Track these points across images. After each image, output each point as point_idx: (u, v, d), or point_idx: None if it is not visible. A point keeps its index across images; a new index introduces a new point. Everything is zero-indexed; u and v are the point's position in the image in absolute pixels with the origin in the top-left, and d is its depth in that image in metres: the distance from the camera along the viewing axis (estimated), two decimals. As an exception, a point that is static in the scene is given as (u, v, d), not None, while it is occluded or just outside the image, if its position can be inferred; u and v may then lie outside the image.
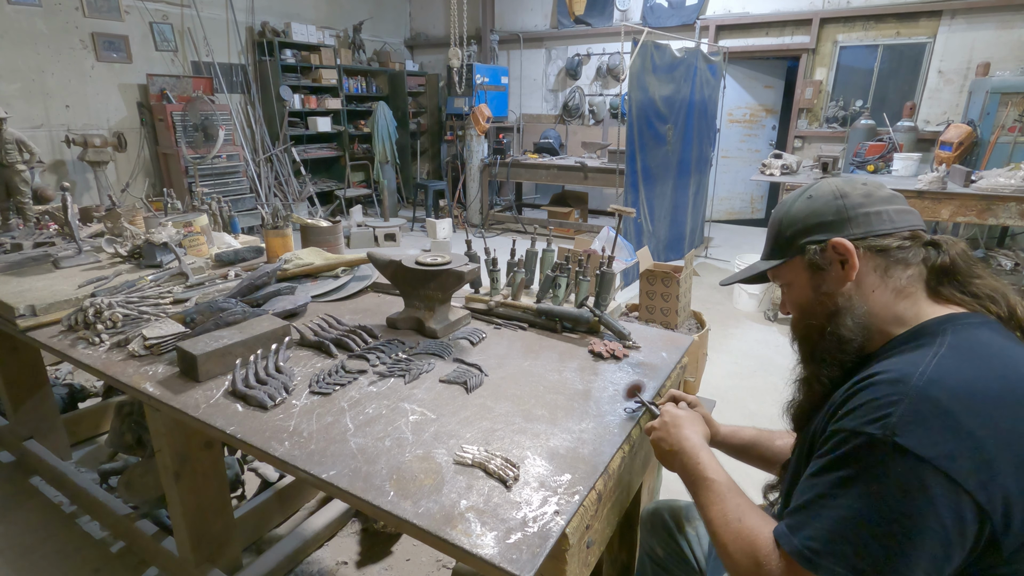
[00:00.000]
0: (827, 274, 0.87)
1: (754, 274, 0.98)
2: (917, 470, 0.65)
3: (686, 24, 6.86)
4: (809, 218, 0.89)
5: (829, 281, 0.87)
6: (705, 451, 0.96)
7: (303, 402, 1.23)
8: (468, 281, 1.57)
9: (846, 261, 0.84)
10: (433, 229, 5.76)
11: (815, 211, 0.88)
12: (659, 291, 2.94)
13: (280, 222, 2.24)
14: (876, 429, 0.68)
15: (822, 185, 0.91)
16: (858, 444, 0.70)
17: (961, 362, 0.72)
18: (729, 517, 0.84)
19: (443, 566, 1.92)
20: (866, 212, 0.85)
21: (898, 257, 0.83)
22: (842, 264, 0.85)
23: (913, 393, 0.68)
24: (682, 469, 0.97)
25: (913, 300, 0.83)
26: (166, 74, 6.05)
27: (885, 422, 0.68)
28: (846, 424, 0.72)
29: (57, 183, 5.21)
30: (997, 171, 3.81)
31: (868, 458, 0.69)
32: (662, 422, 1.04)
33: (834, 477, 0.72)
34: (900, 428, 0.67)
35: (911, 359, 0.74)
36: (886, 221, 0.85)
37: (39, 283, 1.91)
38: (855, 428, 0.71)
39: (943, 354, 0.73)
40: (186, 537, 1.54)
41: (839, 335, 0.85)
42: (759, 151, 7.32)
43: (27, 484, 2.31)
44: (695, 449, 0.96)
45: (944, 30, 5.70)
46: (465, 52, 6.15)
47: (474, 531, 0.86)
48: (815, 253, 0.87)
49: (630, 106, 4.62)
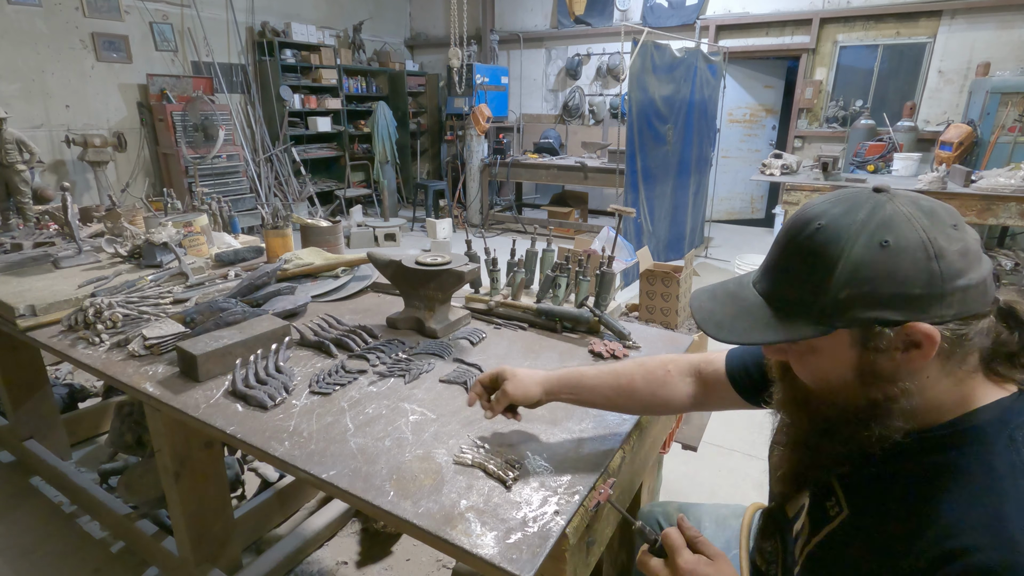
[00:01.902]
0: (882, 358, 0.62)
1: (767, 340, 0.67)
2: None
3: (686, 24, 6.87)
4: (885, 283, 0.59)
5: (882, 367, 0.63)
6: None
7: (303, 402, 1.23)
8: (468, 281, 1.57)
9: (917, 348, 0.60)
10: (433, 229, 5.76)
11: (896, 274, 0.58)
12: (659, 291, 2.94)
13: (280, 222, 2.24)
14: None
15: (903, 226, 0.59)
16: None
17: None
18: None
19: (443, 566, 1.92)
20: (965, 285, 0.58)
21: (974, 344, 0.62)
22: (906, 347, 0.61)
23: None
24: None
25: (968, 385, 0.64)
26: (166, 74, 6.05)
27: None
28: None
29: (57, 183, 5.21)
30: (997, 171, 3.82)
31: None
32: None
33: None
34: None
35: (1002, 509, 0.57)
36: (980, 296, 0.60)
37: (39, 283, 1.91)
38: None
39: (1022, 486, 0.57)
40: (186, 537, 1.54)
41: (877, 435, 0.64)
42: (759, 151, 7.32)
43: (27, 484, 2.31)
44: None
45: (944, 30, 5.70)
46: (465, 52, 6.15)
47: (474, 531, 0.86)
48: (880, 335, 0.61)
49: (630, 106, 4.62)
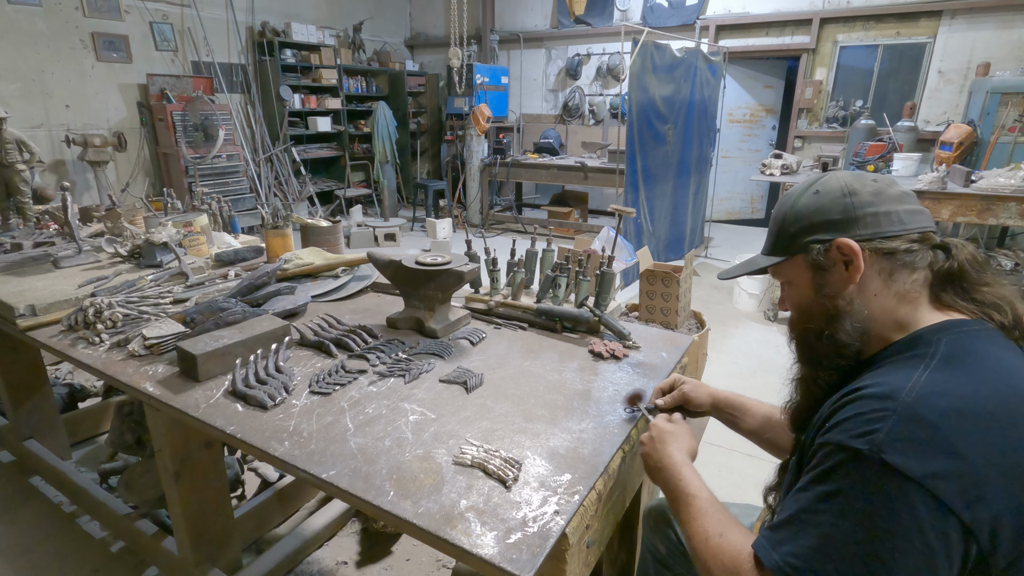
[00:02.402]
0: (830, 275, 0.83)
1: (754, 269, 0.96)
2: (903, 489, 0.64)
3: (686, 24, 6.87)
4: (815, 215, 0.84)
5: (831, 283, 0.83)
6: (687, 468, 0.94)
7: (303, 402, 1.23)
8: (468, 281, 1.57)
9: (851, 263, 0.81)
10: (433, 229, 5.75)
11: (821, 208, 0.84)
12: (659, 291, 2.94)
13: (280, 222, 2.24)
14: (862, 444, 0.67)
15: (830, 180, 0.86)
16: (843, 459, 0.68)
17: (952, 376, 0.70)
18: (710, 532, 0.83)
19: (443, 566, 1.92)
20: (875, 212, 0.81)
21: (905, 261, 0.80)
22: (846, 266, 0.82)
23: (901, 409, 0.67)
24: (664, 484, 0.96)
25: (915, 305, 0.80)
26: (166, 74, 6.05)
27: (872, 438, 0.66)
28: (832, 438, 0.71)
29: (57, 183, 5.21)
30: (997, 171, 3.81)
31: (853, 474, 0.67)
32: (648, 437, 1.03)
33: (818, 492, 0.70)
34: (887, 445, 0.65)
35: (903, 372, 0.72)
36: (896, 222, 0.81)
37: (39, 283, 1.91)
38: (841, 442, 0.69)
39: (935, 367, 0.71)
40: (186, 537, 1.54)
41: (837, 339, 0.83)
42: (759, 151, 7.32)
43: (27, 484, 2.31)
44: (677, 466, 0.95)
45: (944, 30, 5.70)
46: (465, 52, 6.14)
47: (474, 531, 0.86)
48: (819, 253, 0.83)
49: (630, 106, 4.62)
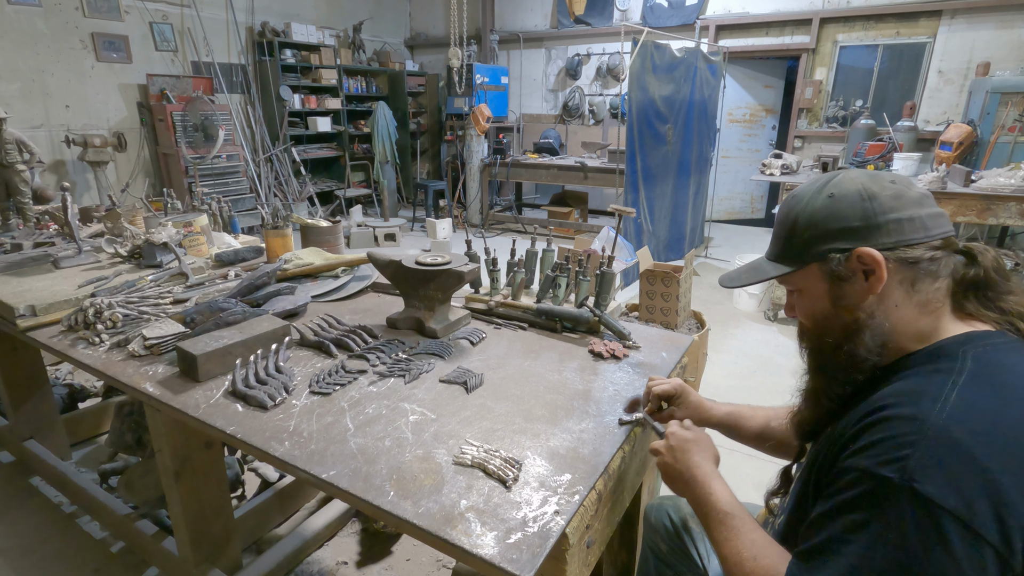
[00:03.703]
0: (848, 286, 0.79)
1: (762, 278, 0.89)
2: (937, 520, 0.62)
3: (686, 24, 6.86)
4: (831, 221, 0.79)
5: (850, 294, 0.79)
6: (717, 480, 0.91)
7: (303, 402, 1.23)
8: (468, 281, 1.57)
9: (872, 273, 0.76)
10: (433, 229, 5.75)
11: (838, 213, 0.78)
12: (659, 291, 2.94)
13: (280, 222, 2.24)
14: (892, 472, 0.65)
15: (845, 182, 0.80)
16: (872, 487, 0.66)
17: (981, 393, 0.68)
18: (744, 556, 0.81)
19: (443, 566, 1.92)
20: (898, 218, 0.76)
21: (928, 269, 0.76)
22: (866, 276, 0.77)
23: (931, 434, 0.65)
24: (693, 498, 0.93)
25: (937, 315, 0.77)
26: (166, 74, 6.05)
27: (902, 465, 0.64)
28: (858, 463, 0.69)
29: (57, 183, 5.21)
30: (997, 171, 3.81)
31: (884, 503, 0.65)
32: (668, 447, 0.98)
33: (847, 521, 0.68)
34: (918, 473, 0.63)
35: (928, 389, 0.70)
36: (919, 228, 0.76)
37: (39, 283, 1.91)
38: (869, 469, 0.67)
39: (963, 384, 0.69)
40: (186, 537, 1.54)
41: (855, 354, 0.79)
42: (759, 151, 7.32)
43: (27, 484, 2.31)
44: (707, 479, 0.91)
45: (944, 30, 5.70)
46: (465, 52, 6.15)
47: (474, 531, 0.86)
48: (837, 263, 0.78)
49: (630, 106, 4.62)
